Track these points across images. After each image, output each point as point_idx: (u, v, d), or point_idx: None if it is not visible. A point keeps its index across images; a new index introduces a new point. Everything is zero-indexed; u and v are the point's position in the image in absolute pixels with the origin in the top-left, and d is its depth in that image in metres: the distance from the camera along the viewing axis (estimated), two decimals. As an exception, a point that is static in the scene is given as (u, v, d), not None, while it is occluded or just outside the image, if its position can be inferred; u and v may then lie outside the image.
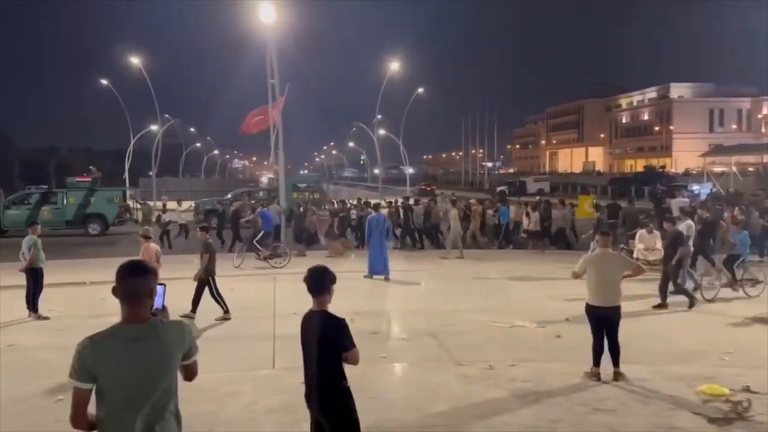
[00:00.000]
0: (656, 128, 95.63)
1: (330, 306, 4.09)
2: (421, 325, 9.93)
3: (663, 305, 10.99)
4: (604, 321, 7.17)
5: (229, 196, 32.57)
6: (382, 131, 56.66)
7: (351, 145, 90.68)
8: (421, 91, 54.06)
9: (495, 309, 11.00)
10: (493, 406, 6.41)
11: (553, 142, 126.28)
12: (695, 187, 40.36)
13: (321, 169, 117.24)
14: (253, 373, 7.59)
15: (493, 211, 21.86)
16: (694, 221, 13.64)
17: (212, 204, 29.24)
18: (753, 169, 53.67)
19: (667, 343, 8.84)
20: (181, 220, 21.94)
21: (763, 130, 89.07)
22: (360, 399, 4.23)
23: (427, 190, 59.31)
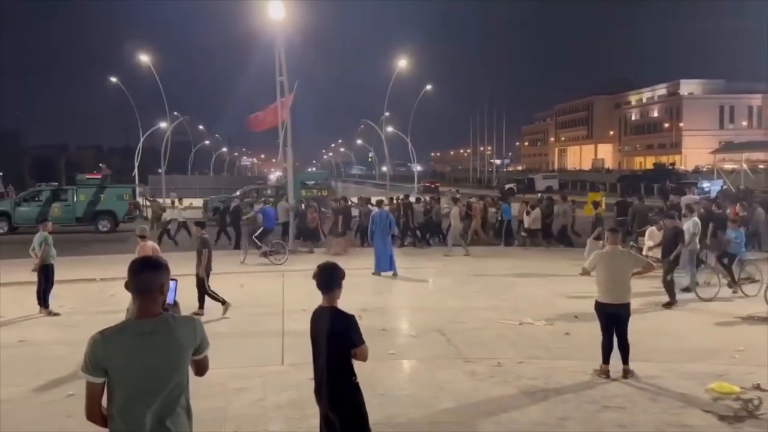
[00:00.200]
0: (666, 125, 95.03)
1: (338, 302, 4.11)
2: (429, 322, 9.94)
3: (671, 302, 10.96)
4: (614, 318, 7.15)
5: (238, 193, 32.67)
6: (390, 128, 56.62)
7: (359, 142, 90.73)
8: (429, 88, 53.97)
9: (503, 306, 10.99)
10: (502, 403, 6.41)
11: (562, 139, 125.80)
12: (705, 185, 40.15)
13: (329, 167, 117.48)
14: (262, 369, 7.61)
15: (495, 209, 21.77)
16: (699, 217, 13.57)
17: (218, 201, 29.35)
18: (764, 166, 53.30)
19: (677, 341, 8.80)
20: (181, 218, 21.91)
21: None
22: (369, 395, 4.24)
23: (431, 188, 59.17)
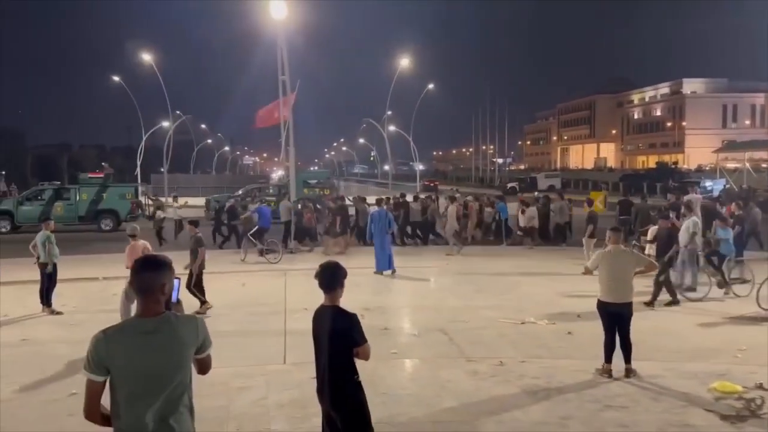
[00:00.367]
0: (668, 124, 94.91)
1: (340, 301, 4.12)
2: (431, 321, 9.94)
3: (674, 302, 10.97)
4: (616, 317, 7.14)
5: (240, 192, 32.70)
6: (393, 127, 56.58)
7: (361, 141, 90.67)
8: (431, 87, 53.95)
9: (505, 305, 10.98)
10: (503, 402, 6.41)
11: (565, 138, 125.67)
12: (708, 184, 40.05)
13: (331, 166, 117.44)
14: (264, 368, 7.62)
15: (491, 208, 21.74)
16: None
17: (220, 199, 29.35)
18: (766, 165, 53.17)
19: (680, 340, 8.79)
20: (176, 216, 21.89)
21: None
22: (371, 394, 4.24)
23: (430, 186, 59.14)
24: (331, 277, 4.08)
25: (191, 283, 10.36)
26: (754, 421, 5.83)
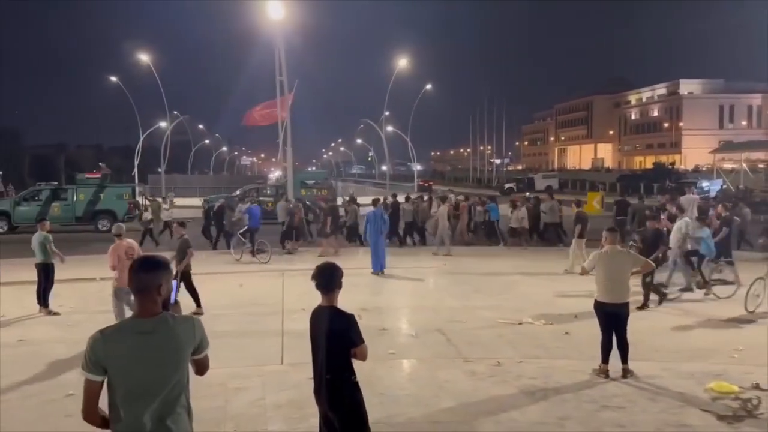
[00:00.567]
0: (666, 125, 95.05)
1: (337, 302, 4.12)
2: (428, 322, 9.94)
3: (662, 299, 11.01)
4: (613, 317, 7.15)
5: (238, 192, 32.66)
6: (390, 128, 56.71)
7: (359, 141, 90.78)
8: (429, 87, 54.03)
9: (502, 305, 10.99)
10: (501, 402, 6.41)
11: (562, 138, 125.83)
12: (705, 184, 40.13)
13: (329, 166, 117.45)
14: (262, 368, 7.61)
15: (483, 209, 21.73)
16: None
17: (216, 201, 29.27)
18: (763, 165, 53.29)
19: (676, 340, 8.81)
20: (166, 218, 21.77)
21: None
22: (368, 394, 4.24)
23: (425, 187, 59.15)
24: (329, 278, 4.08)
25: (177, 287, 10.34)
26: (751, 422, 5.84)
